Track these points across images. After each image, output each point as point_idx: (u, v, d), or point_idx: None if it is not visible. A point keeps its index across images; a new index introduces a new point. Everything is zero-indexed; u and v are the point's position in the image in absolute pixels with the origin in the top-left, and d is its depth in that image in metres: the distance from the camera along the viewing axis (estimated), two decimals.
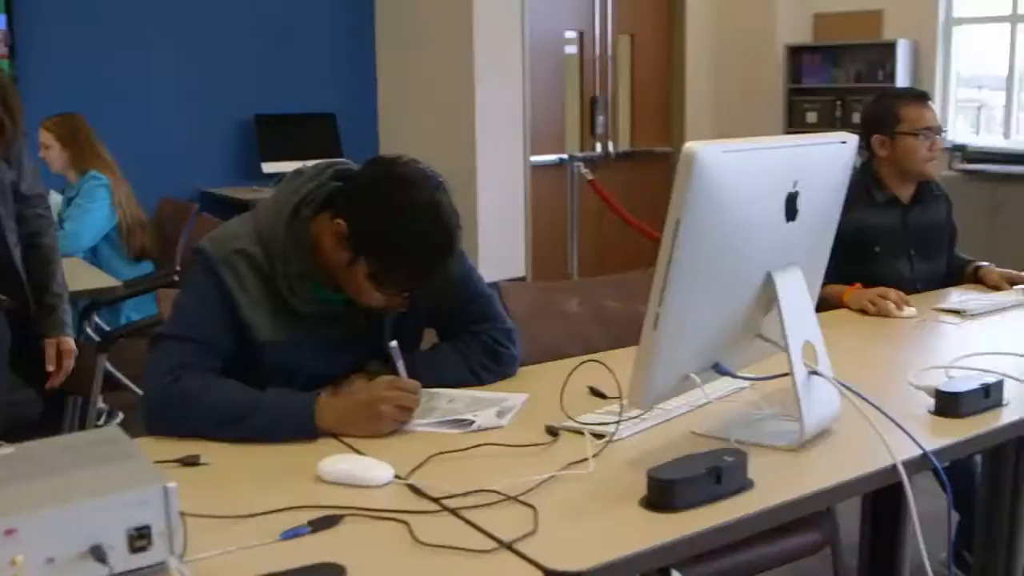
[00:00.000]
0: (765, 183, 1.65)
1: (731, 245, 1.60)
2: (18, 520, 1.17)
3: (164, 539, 1.26)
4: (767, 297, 1.73)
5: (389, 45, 7.05)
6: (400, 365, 1.84)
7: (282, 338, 1.90)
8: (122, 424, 4.08)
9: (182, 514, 1.28)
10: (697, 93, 7.85)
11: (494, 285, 2.18)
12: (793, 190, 1.70)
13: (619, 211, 6.13)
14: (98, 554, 1.21)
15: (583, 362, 1.98)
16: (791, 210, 1.71)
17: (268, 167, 6.47)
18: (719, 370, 1.73)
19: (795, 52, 7.77)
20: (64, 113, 4.29)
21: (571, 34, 7.32)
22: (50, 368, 2.45)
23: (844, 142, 1.87)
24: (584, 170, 6.26)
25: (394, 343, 1.85)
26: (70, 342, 2.52)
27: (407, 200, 1.80)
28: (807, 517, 2.00)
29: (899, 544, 2.24)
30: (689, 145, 1.48)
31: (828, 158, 1.84)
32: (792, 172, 1.70)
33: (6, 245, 2.25)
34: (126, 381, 3.49)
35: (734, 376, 1.76)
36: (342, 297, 1.93)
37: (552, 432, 1.78)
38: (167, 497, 1.25)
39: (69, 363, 2.53)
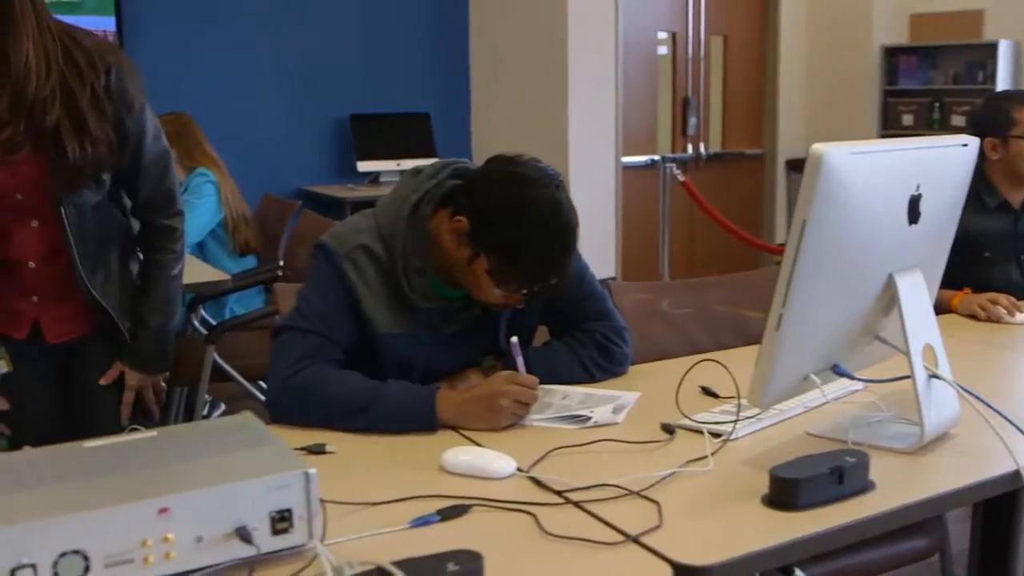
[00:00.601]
0: (889, 185, 1.65)
1: (855, 246, 1.60)
2: (171, 500, 1.23)
3: (304, 523, 1.30)
4: (887, 299, 1.72)
5: (483, 45, 7.10)
6: (520, 361, 1.86)
7: (400, 331, 1.94)
8: (224, 415, 4.18)
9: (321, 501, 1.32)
10: (790, 95, 7.77)
11: (603, 284, 2.20)
12: (916, 193, 1.69)
13: (711, 213, 6.10)
14: (243, 534, 1.26)
15: (699, 361, 2.00)
16: (914, 213, 1.70)
17: (363, 166, 6.57)
18: (838, 371, 1.73)
19: (891, 53, 7.64)
20: (173, 111, 4.40)
21: (663, 35, 7.29)
22: (102, 382, 2.23)
23: (965, 145, 1.85)
24: (676, 171, 6.24)
25: (515, 339, 1.88)
26: (136, 377, 2.25)
27: (528, 198, 1.83)
28: (918, 522, 1.98)
29: (1012, 553, 2.20)
30: (817, 146, 1.49)
31: (950, 161, 1.83)
32: (915, 175, 1.69)
33: (85, 283, 2.14)
34: (233, 372, 3.57)
35: (853, 378, 1.75)
36: (459, 293, 1.97)
37: (668, 430, 1.79)
38: (308, 482, 1.30)
39: (128, 397, 2.25)
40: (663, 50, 7.33)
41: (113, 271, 2.21)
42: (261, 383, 3.89)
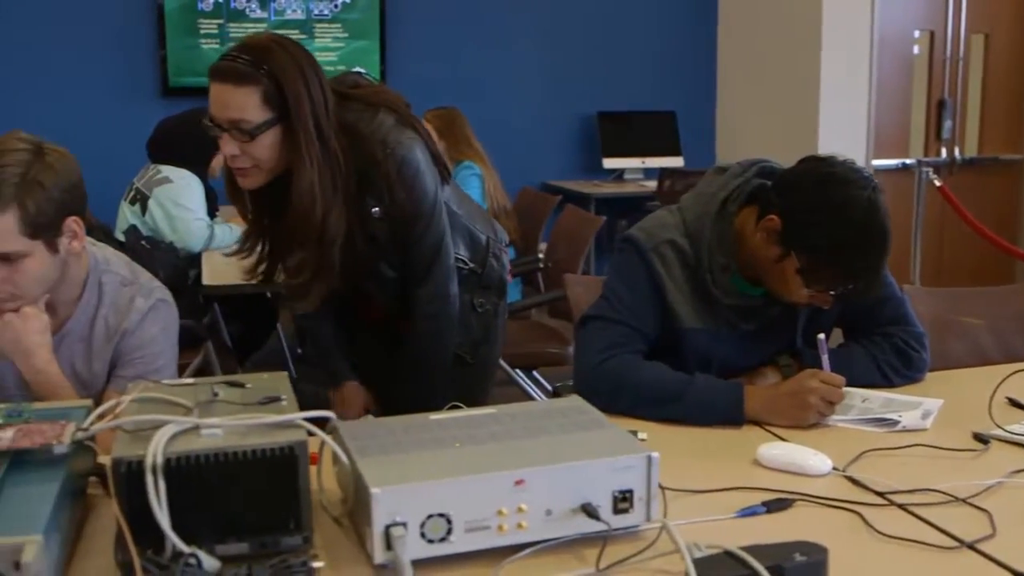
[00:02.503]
0: None
1: None
2: (526, 472, 1.30)
3: (643, 504, 1.36)
4: None
5: (731, 43, 7.04)
6: (825, 359, 1.86)
7: (702, 327, 1.98)
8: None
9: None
10: None
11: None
12: None
13: (970, 220, 5.84)
14: (589, 510, 1.32)
15: (1014, 372, 1.95)
16: None
17: (609, 163, 6.64)
18: None
19: None
20: (444, 106, 4.57)
21: (919, 33, 7.02)
22: None
23: None
24: (933, 176, 6.01)
25: (821, 336, 1.88)
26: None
27: (845, 198, 1.82)
28: None
29: None
30: None
31: None
32: None
33: None
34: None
35: None
36: (760, 290, 1.99)
37: (981, 439, 1.75)
38: (650, 465, 1.35)
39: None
40: (918, 49, 7.06)
41: None
42: (518, 371, 4.01)
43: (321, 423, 1.41)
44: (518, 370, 3.98)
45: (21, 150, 1.79)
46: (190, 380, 1.54)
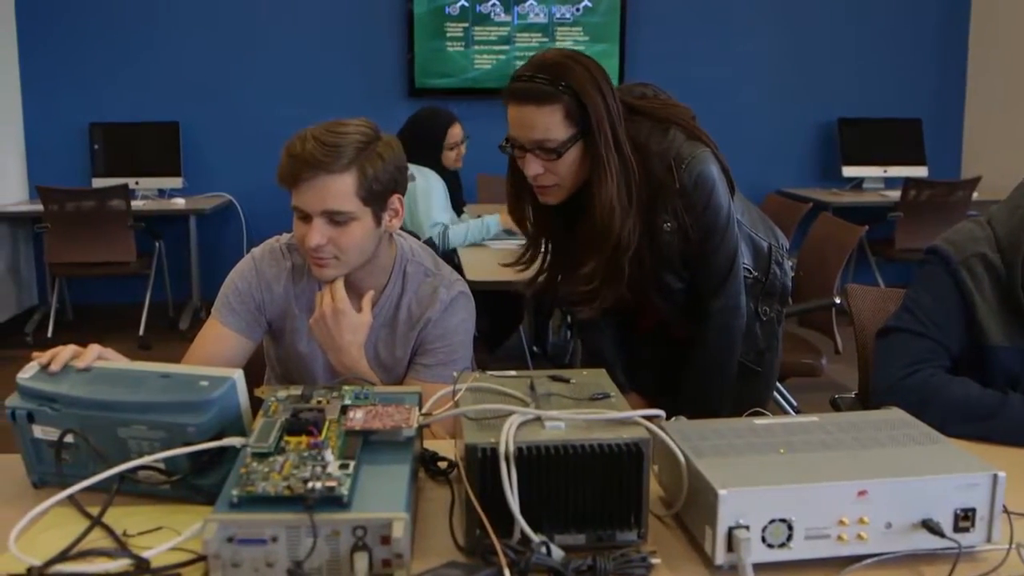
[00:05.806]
0: None
1: None
2: (870, 484, 1.29)
3: (984, 524, 1.33)
4: None
5: (982, 49, 6.73)
6: None
7: (1010, 345, 1.91)
8: None
9: None
10: None
11: None
12: None
13: None
14: (931, 526, 1.30)
15: None
16: None
17: (848, 171, 6.48)
18: None
19: None
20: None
21: None
22: None
23: None
24: None
25: None
26: None
27: None
28: None
29: None
30: None
31: None
32: None
33: None
34: None
35: None
36: None
37: None
38: (995, 485, 1.32)
39: None
40: None
41: None
42: None
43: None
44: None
45: (364, 126, 1.96)
46: (512, 372, 1.59)
